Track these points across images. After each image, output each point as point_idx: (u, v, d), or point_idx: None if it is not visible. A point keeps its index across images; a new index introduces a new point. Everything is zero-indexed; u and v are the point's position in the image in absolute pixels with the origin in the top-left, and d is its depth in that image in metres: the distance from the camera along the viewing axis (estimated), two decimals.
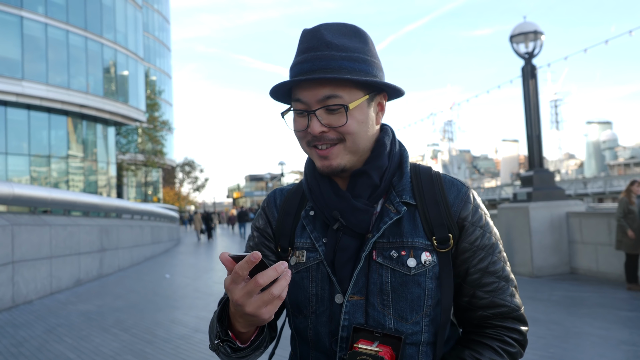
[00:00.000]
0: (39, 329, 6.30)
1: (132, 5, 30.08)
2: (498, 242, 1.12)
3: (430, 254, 1.05)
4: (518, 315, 1.10)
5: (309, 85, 1.03)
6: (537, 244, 9.17)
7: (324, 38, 1.04)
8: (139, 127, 35.56)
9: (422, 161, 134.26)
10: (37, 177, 23.82)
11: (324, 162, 1.06)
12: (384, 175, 1.10)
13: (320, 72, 1.02)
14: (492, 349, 1.06)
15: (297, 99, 1.05)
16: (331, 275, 1.07)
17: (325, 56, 1.03)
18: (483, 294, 1.09)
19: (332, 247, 1.08)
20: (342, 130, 1.04)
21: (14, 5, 21.63)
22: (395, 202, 1.08)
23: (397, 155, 1.14)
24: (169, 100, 47.78)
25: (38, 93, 22.20)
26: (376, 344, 0.96)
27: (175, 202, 50.66)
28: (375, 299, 1.04)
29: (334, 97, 1.02)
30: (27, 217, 9.02)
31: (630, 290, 7.46)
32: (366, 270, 1.05)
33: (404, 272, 1.04)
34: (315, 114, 1.03)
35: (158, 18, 45.19)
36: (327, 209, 1.09)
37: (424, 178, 1.12)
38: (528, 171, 10.12)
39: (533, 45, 10.01)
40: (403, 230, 1.06)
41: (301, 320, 1.11)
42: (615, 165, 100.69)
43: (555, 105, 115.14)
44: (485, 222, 1.10)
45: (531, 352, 4.74)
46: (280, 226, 1.18)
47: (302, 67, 1.04)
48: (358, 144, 1.06)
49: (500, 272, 1.10)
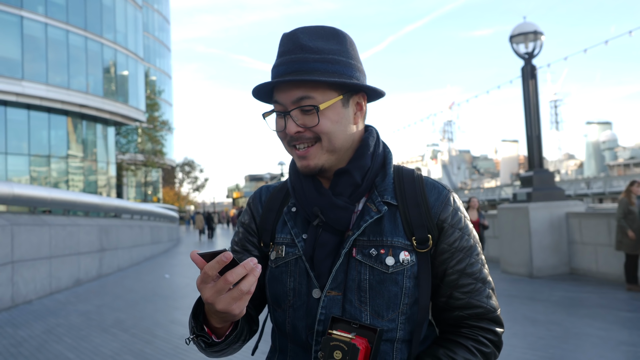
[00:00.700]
0: (38, 329, 6.30)
1: (132, 5, 30.07)
2: (477, 244, 1.14)
3: (409, 253, 1.08)
4: (494, 316, 1.12)
5: (284, 87, 1.07)
6: (537, 244, 9.17)
7: (299, 41, 1.08)
8: (138, 127, 35.55)
9: (422, 161, 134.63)
10: (37, 177, 23.82)
11: (302, 162, 1.10)
12: (366, 175, 1.13)
13: (294, 74, 1.06)
14: (466, 348, 1.08)
15: (275, 101, 1.10)
16: (309, 271, 1.10)
17: (299, 59, 1.06)
18: (460, 294, 1.11)
19: (311, 242, 1.11)
20: (316, 130, 1.07)
21: (14, 5, 21.63)
22: (376, 202, 1.11)
23: (380, 156, 1.16)
24: (168, 100, 47.77)
25: (38, 93, 22.20)
26: (353, 335, 0.97)
27: (175, 202, 50.63)
28: (352, 295, 1.07)
29: (307, 99, 1.06)
30: (26, 217, 9.02)
31: (630, 290, 7.46)
32: (345, 266, 1.08)
33: (382, 270, 1.06)
34: (290, 115, 1.07)
35: (158, 18, 45.18)
36: (308, 205, 1.12)
37: (406, 180, 1.15)
38: (528, 171, 10.12)
39: (533, 46, 10.01)
40: (383, 229, 1.09)
41: (280, 314, 1.14)
42: (615, 166, 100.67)
43: (555, 105, 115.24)
44: (464, 224, 1.13)
45: (531, 352, 4.74)
46: (264, 222, 1.22)
47: (279, 69, 1.08)
48: (334, 144, 1.09)
49: (477, 274, 1.12)
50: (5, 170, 22.01)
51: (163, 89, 44.51)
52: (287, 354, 1.14)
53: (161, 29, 46.16)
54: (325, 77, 1.06)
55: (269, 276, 1.17)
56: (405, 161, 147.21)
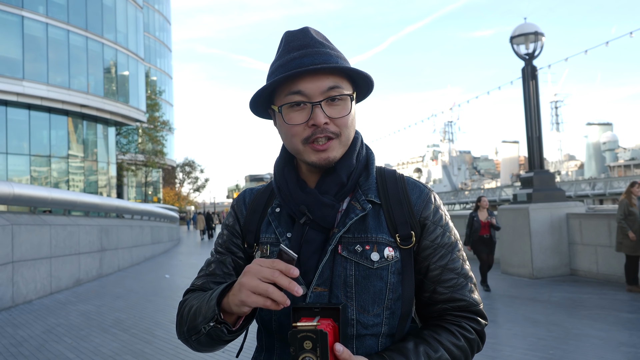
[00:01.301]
0: (38, 329, 6.30)
1: (132, 6, 30.09)
2: (457, 241, 1.18)
3: (393, 249, 1.10)
4: (477, 310, 1.15)
5: (312, 77, 1.06)
6: (537, 245, 9.17)
7: (315, 38, 1.11)
8: (139, 127, 35.56)
9: (422, 162, 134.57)
10: (38, 177, 23.83)
11: (322, 155, 1.09)
12: (352, 175, 1.14)
13: (324, 65, 1.06)
14: (450, 331, 1.11)
15: (297, 92, 1.07)
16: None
17: (322, 52, 1.09)
18: (443, 289, 1.14)
19: (297, 240, 1.11)
20: (343, 121, 1.09)
21: (15, 5, 21.65)
22: (361, 200, 1.13)
23: (364, 157, 1.19)
24: (169, 100, 47.81)
25: (39, 93, 22.22)
26: (317, 319, 0.96)
27: (175, 202, 50.62)
28: (339, 291, 1.08)
29: (338, 88, 1.07)
30: (27, 216, 9.02)
31: (630, 292, 7.46)
32: (331, 263, 1.09)
33: (367, 265, 1.08)
34: (320, 105, 1.06)
35: (159, 18, 45.22)
36: (295, 204, 1.13)
37: (388, 179, 1.18)
38: (528, 172, 10.12)
39: (533, 47, 10.01)
40: (368, 226, 1.11)
41: (266, 313, 1.14)
42: (616, 167, 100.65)
43: (555, 106, 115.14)
44: (445, 222, 1.16)
45: (531, 353, 4.74)
46: (248, 223, 1.23)
47: (302, 61, 1.07)
48: (349, 138, 1.12)
49: (459, 269, 1.15)
50: (6, 170, 22.03)
51: (164, 89, 44.54)
52: (274, 352, 1.15)
53: (162, 29, 46.20)
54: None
55: None
56: (405, 162, 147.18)
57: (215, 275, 1.22)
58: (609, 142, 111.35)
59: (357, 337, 1.08)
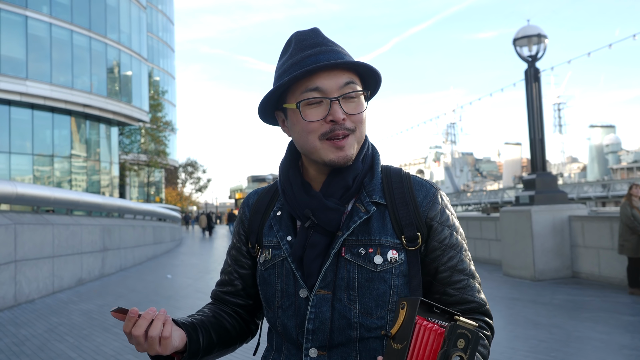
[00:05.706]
0: (40, 328, 6.32)
1: (136, 6, 30.15)
2: (463, 241, 1.17)
3: (398, 252, 1.09)
4: (485, 310, 1.15)
5: (329, 74, 1.07)
6: (539, 247, 9.15)
7: (326, 37, 1.13)
8: (142, 127, 35.60)
9: (425, 164, 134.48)
10: (40, 177, 23.87)
11: (340, 153, 1.08)
12: (357, 176, 1.14)
13: (341, 60, 1.08)
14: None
15: (315, 88, 1.07)
16: (295, 271, 1.11)
17: (335, 50, 1.11)
18: (453, 291, 1.13)
19: (302, 243, 1.12)
20: (358, 118, 1.10)
21: (19, 5, 21.71)
22: (365, 202, 1.12)
23: (369, 157, 1.19)
24: (172, 100, 47.85)
25: (42, 92, 22.26)
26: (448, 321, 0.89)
27: (177, 202, 50.63)
28: (342, 294, 1.08)
29: (353, 84, 1.09)
30: (29, 216, 9.05)
31: (632, 294, 7.44)
32: (335, 266, 1.09)
33: (370, 268, 1.08)
34: (338, 100, 1.07)
35: (162, 19, 45.30)
36: (300, 208, 1.13)
37: (394, 179, 1.17)
38: (530, 174, 10.10)
39: (536, 49, 10.00)
40: (372, 229, 1.10)
41: (271, 315, 1.17)
42: (618, 169, 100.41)
43: (558, 108, 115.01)
44: (452, 222, 1.15)
45: (533, 355, 4.73)
46: (251, 224, 1.24)
47: (318, 58, 1.08)
48: (362, 135, 1.13)
49: (467, 270, 1.15)
50: (9, 169, 22.08)
51: (166, 90, 44.55)
52: (281, 352, 1.16)
53: (165, 29, 46.27)
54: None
55: (260, 279, 1.20)
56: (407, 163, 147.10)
57: (225, 285, 1.31)
58: (611, 145, 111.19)
59: (361, 339, 1.08)
